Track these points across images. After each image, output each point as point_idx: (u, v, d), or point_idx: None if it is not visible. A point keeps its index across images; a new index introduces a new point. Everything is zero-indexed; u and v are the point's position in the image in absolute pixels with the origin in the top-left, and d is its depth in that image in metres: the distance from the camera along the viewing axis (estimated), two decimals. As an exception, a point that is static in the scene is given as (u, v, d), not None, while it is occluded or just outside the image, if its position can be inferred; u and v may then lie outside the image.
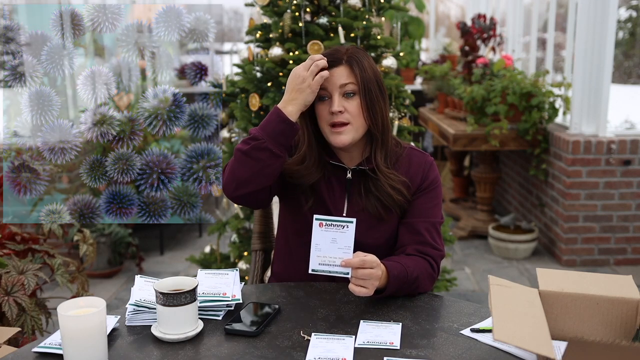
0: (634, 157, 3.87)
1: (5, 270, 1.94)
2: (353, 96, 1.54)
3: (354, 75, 1.54)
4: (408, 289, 1.52)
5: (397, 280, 1.47)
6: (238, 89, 2.71)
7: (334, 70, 1.54)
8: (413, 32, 5.84)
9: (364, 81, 1.53)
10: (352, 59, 1.55)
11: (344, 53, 1.56)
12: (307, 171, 1.60)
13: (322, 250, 1.40)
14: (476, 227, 4.61)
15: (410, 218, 1.61)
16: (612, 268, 4.00)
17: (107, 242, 3.86)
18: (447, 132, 4.33)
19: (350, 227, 1.39)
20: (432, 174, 1.63)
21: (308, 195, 1.62)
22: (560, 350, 1.24)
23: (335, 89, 1.53)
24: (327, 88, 1.54)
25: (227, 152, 2.73)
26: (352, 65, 1.54)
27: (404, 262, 1.52)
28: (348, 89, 1.53)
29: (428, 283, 1.56)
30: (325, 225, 1.40)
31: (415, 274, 1.51)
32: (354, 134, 1.55)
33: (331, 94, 1.54)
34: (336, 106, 1.52)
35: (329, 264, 1.40)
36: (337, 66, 1.54)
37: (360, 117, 1.54)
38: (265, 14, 2.67)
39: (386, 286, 1.47)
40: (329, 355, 1.25)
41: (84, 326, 1.18)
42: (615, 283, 1.33)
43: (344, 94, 1.54)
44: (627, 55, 7.61)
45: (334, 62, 1.54)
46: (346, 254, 1.40)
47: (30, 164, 2.12)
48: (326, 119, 1.55)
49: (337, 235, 1.39)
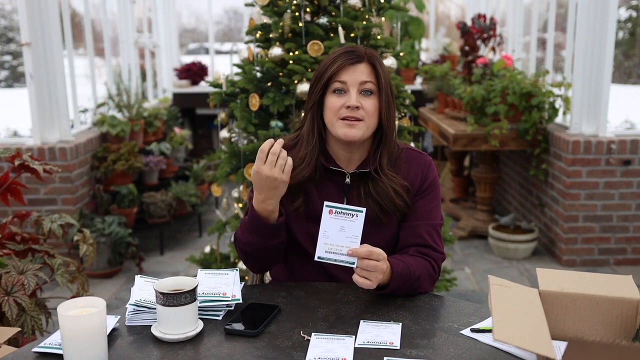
0: (634, 157, 3.87)
1: (5, 270, 1.94)
2: (370, 95, 1.54)
3: (375, 75, 1.55)
4: (409, 288, 1.52)
5: (400, 278, 1.47)
6: (238, 89, 2.70)
7: (356, 66, 1.54)
8: (413, 32, 5.84)
9: (385, 82, 1.55)
10: (373, 58, 1.56)
11: (364, 52, 1.57)
12: (302, 168, 1.58)
13: (329, 238, 1.40)
14: (476, 227, 4.61)
15: (412, 221, 1.61)
16: (612, 268, 4.00)
17: (107, 242, 3.85)
18: (447, 132, 4.33)
19: (359, 217, 1.39)
20: (431, 175, 1.63)
21: (298, 202, 1.60)
22: (560, 350, 1.24)
23: (355, 85, 1.53)
24: (347, 82, 1.53)
25: (227, 152, 2.73)
26: (375, 65, 1.55)
27: (408, 260, 1.52)
28: (367, 87, 1.54)
29: (429, 284, 1.57)
30: (335, 213, 1.40)
31: (418, 273, 1.52)
32: (365, 132, 1.54)
33: (349, 89, 1.54)
34: (354, 101, 1.52)
35: (335, 252, 1.40)
36: (360, 63, 1.55)
37: (374, 117, 1.55)
38: (265, 14, 2.67)
39: (389, 282, 1.47)
40: (329, 355, 1.25)
41: (84, 326, 1.18)
42: (615, 283, 1.33)
43: (362, 91, 1.54)
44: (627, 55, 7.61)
45: (356, 59, 1.54)
46: (353, 243, 1.40)
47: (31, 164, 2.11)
48: (338, 112, 1.54)
49: (345, 224, 1.39)
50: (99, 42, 5.02)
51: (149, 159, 4.50)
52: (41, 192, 3.85)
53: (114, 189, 4.19)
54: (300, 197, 1.60)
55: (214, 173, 2.87)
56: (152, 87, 5.89)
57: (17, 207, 3.69)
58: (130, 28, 5.19)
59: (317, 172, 1.59)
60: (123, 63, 5.15)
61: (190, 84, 6.32)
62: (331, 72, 1.54)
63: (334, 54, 1.58)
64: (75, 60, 4.34)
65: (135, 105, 4.58)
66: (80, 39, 5.42)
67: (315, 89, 1.57)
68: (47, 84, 3.81)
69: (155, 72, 6.08)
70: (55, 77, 3.81)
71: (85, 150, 4.07)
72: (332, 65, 1.54)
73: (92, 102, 4.67)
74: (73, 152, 3.86)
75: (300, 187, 1.60)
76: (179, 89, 6.23)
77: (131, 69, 5.06)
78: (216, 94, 2.76)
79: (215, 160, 3.11)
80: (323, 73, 1.56)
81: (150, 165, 4.49)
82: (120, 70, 4.95)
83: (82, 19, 4.53)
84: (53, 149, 3.81)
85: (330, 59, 1.57)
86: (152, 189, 4.51)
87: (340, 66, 1.54)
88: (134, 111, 4.57)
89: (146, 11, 5.89)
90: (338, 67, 1.54)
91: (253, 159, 2.59)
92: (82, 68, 5.40)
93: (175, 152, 5.12)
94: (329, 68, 1.55)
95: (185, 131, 5.47)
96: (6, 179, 2.17)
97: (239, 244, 1.62)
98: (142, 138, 4.63)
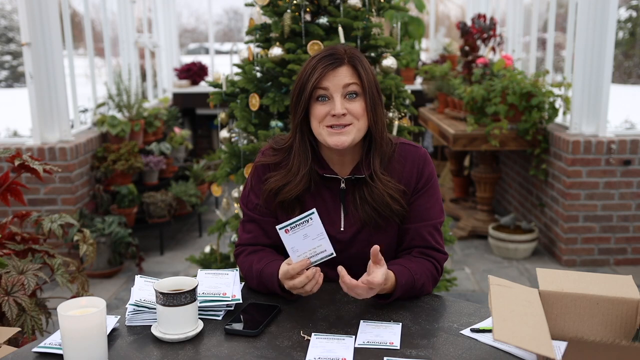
0: (634, 157, 3.87)
1: (5, 270, 1.94)
2: (356, 97, 1.49)
3: (358, 75, 1.48)
4: (413, 294, 1.52)
5: (404, 288, 1.47)
6: (238, 89, 2.70)
7: (337, 70, 1.47)
8: (413, 32, 5.84)
9: (368, 81, 1.49)
10: (353, 58, 1.49)
11: (343, 52, 1.50)
12: (295, 184, 1.55)
13: (299, 250, 1.39)
14: (476, 227, 4.61)
15: (413, 223, 1.58)
16: (612, 268, 4.00)
17: (107, 242, 3.85)
18: (447, 132, 4.33)
19: (314, 217, 1.37)
20: (427, 170, 1.58)
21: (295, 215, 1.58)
22: (560, 350, 1.24)
23: (338, 90, 1.47)
24: (329, 88, 1.47)
25: (227, 152, 2.73)
26: (356, 65, 1.49)
27: (412, 267, 1.51)
28: (351, 89, 1.48)
29: (431, 285, 1.56)
30: (291, 229, 1.37)
31: (422, 281, 1.51)
32: (355, 135, 1.49)
33: (332, 95, 1.48)
34: (339, 109, 1.46)
35: (311, 256, 1.40)
36: (340, 66, 1.48)
37: (363, 118, 1.49)
38: (265, 14, 2.67)
39: (393, 292, 1.47)
40: (329, 355, 1.25)
41: (84, 326, 1.18)
42: (615, 283, 1.33)
43: (346, 94, 1.48)
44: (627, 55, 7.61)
45: (336, 62, 1.48)
46: (322, 239, 1.38)
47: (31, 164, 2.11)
48: (324, 120, 1.49)
49: (306, 231, 1.37)
50: (99, 42, 5.02)
51: (149, 159, 4.50)
52: (41, 192, 3.85)
53: (114, 189, 4.19)
54: (297, 209, 1.57)
55: (214, 173, 2.86)
56: (152, 87, 5.88)
57: (17, 207, 3.69)
58: (130, 28, 5.19)
59: (312, 182, 1.57)
60: (123, 63, 5.15)
61: (190, 84, 6.31)
62: (313, 82, 1.47)
63: (313, 59, 1.50)
64: (75, 60, 4.34)
65: (135, 105, 4.58)
66: (80, 39, 5.42)
67: (300, 103, 1.50)
68: (47, 84, 3.81)
69: (155, 72, 6.08)
70: (55, 77, 3.81)
71: (85, 150, 4.07)
72: (313, 74, 1.47)
73: (92, 102, 4.67)
74: (73, 152, 3.86)
75: (296, 199, 1.58)
76: (179, 89, 6.23)
77: (131, 69, 5.06)
78: (216, 94, 2.76)
79: (215, 160, 3.10)
80: (305, 84, 1.48)
81: (150, 165, 4.49)
82: (120, 70, 4.95)
83: (82, 19, 4.53)
84: (53, 149, 3.81)
85: (310, 67, 1.49)
86: (152, 189, 4.51)
87: (322, 73, 1.47)
88: (134, 111, 4.57)
89: (146, 11, 5.88)
90: (319, 75, 1.47)
91: (253, 159, 2.59)
92: (82, 68, 5.40)
93: (175, 152, 5.12)
94: (310, 77, 1.47)
95: (185, 131, 5.47)
96: (6, 179, 2.17)
97: (242, 271, 1.61)
98: (142, 138, 4.63)
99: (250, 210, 1.63)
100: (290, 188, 1.55)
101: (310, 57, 1.55)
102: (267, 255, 1.57)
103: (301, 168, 1.55)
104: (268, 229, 1.61)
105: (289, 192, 1.55)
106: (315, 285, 1.40)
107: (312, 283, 1.39)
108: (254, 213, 1.62)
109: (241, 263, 1.61)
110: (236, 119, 2.72)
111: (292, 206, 1.58)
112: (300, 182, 1.54)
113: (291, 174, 1.55)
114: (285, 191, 1.55)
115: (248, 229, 1.64)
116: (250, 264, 1.57)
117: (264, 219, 1.61)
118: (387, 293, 1.46)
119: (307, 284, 1.39)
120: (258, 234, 1.62)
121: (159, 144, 4.75)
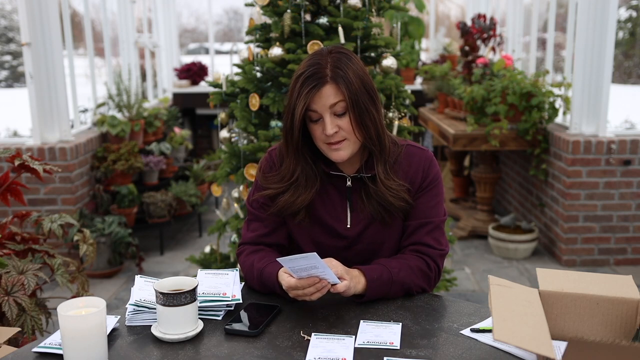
0: (634, 157, 3.87)
1: (5, 270, 1.94)
2: (345, 114, 1.49)
3: (342, 93, 1.46)
4: (396, 290, 1.52)
5: (375, 283, 1.48)
6: (238, 89, 2.70)
7: (321, 90, 1.46)
8: (413, 32, 5.84)
9: (352, 96, 1.46)
10: (336, 74, 1.46)
11: (325, 68, 1.46)
12: (305, 196, 1.56)
13: (298, 272, 1.37)
14: (476, 227, 4.61)
15: (413, 220, 1.59)
16: (612, 268, 4.00)
17: (107, 242, 3.85)
18: (447, 132, 4.33)
19: (314, 259, 1.32)
20: (432, 171, 1.60)
21: (301, 216, 1.60)
22: (560, 350, 1.24)
23: (325, 110, 1.47)
24: (317, 110, 1.47)
25: (227, 152, 2.73)
26: (338, 82, 1.46)
27: (390, 264, 1.52)
28: (338, 108, 1.47)
29: (422, 281, 1.55)
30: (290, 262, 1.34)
31: (403, 276, 1.51)
32: (353, 148, 1.52)
33: (322, 115, 1.48)
34: (329, 129, 1.47)
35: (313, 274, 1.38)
36: (323, 86, 1.46)
37: (358, 130, 1.50)
38: (265, 14, 2.67)
39: (365, 291, 1.47)
40: (329, 355, 1.25)
41: (84, 326, 1.18)
42: (615, 283, 1.33)
43: (334, 113, 1.48)
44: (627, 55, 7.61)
45: (318, 83, 1.46)
46: (324, 275, 1.37)
47: (31, 164, 2.11)
48: (322, 139, 1.51)
49: (303, 262, 1.34)
50: (99, 42, 5.02)
51: (149, 159, 4.50)
52: (41, 192, 3.85)
53: (114, 189, 4.19)
54: (302, 211, 1.59)
55: (214, 173, 2.86)
56: (152, 87, 5.88)
57: (17, 207, 3.69)
58: (130, 28, 5.19)
59: (319, 182, 1.59)
60: (123, 63, 5.15)
61: (190, 84, 6.32)
62: (300, 110, 1.46)
63: (297, 80, 1.48)
64: (75, 60, 4.34)
65: (135, 105, 4.58)
66: (80, 39, 5.42)
67: (293, 129, 1.50)
68: (47, 84, 3.81)
69: (155, 72, 6.08)
70: (55, 77, 3.81)
71: (85, 150, 4.07)
72: (299, 100, 1.46)
73: (92, 102, 4.67)
74: (73, 152, 3.86)
75: (306, 207, 1.60)
76: (179, 89, 6.23)
77: (131, 69, 5.06)
78: (216, 94, 2.76)
79: (215, 160, 3.10)
80: (293, 111, 1.48)
81: (150, 165, 4.49)
82: (120, 70, 4.95)
83: (82, 19, 4.53)
84: (53, 149, 3.81)
85: (296, 91, 1.48)
86: (152, 189, 4.51)
87: (307, 99, 1.45)
88: (134, 111, 4.57)
89: (146, 11, 5.88)
90: (305, 101, 1.45)
91: (253, 159, 2.59)
92: (82, 68, 5.39)
93: (175, 152, 5.12)
94: (297, 103, 1.47)
95: (185, 131, 5.47)
96: (6, 179, 2.17)
97: (243, 270, 1.62)
98: (142, 138, 4.63)
99: (256, 209, 1.64)
100: (303, 199, 1.57)
101: (295, 74, 1.51)
102: (268, 255, 1.57)
103: (309, 183, 1.57)
104: (272, 228, 1.63)
105: (302, 203, 1.57)
106: (316, 293, 1.40)
107: (313, 290, 1.39)
108: (259, 212, 1.64)
109: (242, 262, 1.62)
110: (236, 119, 2.72)
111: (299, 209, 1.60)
112: (310, 192, 1.57)
113: (301, 187, 1.57)
114: (298, 202, 1.57)
115: (252, 228, 1.65)
116: (252, 263, 1.58)
117: (269, 218, 1.63)
118: (361, 293, 1.48)
119: (309, 289, 1.39)
120: (261, 233, 1.63)
121: (159, 144, 4.75)
